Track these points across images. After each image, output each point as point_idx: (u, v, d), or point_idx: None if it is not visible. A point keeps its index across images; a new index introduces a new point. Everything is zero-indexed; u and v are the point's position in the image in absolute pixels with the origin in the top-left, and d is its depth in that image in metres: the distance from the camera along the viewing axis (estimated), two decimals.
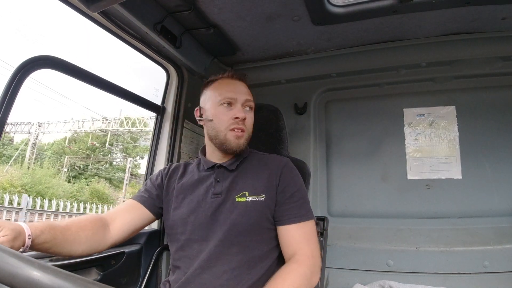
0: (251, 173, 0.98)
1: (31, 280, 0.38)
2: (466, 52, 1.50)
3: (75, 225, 0.79)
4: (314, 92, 1.79)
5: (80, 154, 24.29)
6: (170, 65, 1.54)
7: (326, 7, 1.29)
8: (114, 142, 24.77)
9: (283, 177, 0.95)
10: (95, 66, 40.58)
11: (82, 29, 48.99)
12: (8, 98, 0.88)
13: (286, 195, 0.93)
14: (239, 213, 0.89)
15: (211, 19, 1.37)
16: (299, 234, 0.89)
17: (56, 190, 17.09)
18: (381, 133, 1.66)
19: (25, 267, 0.38)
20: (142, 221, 0.97)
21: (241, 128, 0.96)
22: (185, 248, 0.91)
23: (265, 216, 0.91)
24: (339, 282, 1.48)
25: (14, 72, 0.90)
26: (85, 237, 0.80)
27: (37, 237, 0.67)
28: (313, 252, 0.87)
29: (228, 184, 0.95)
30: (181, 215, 0.94)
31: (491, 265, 1.34)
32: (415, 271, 1.42)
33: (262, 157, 1.04)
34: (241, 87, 1.01)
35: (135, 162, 28.22)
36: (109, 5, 1.01)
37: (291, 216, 0.91)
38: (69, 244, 0.76)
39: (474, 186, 1.47)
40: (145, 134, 20.47)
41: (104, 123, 19.30)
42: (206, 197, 0.94)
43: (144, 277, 1.29)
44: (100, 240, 0.85)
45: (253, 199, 0.91)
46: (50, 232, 0.71)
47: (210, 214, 0.91)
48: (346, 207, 1.66)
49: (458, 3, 1.26)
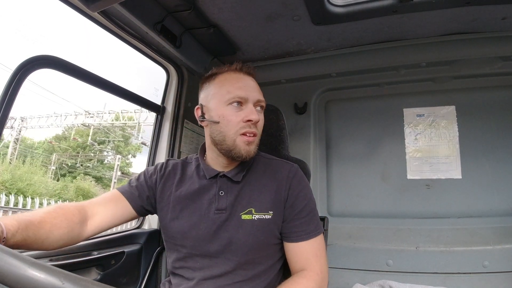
0: (257, 186, 0.89)
1: (31, 281, 0.38)
2: (466, 52, 1.50)
3: (50, 223, 0.73)
4: (314, 92, 1.79)
5: (70, 152, 23.71)
6: (170, 64, 1.54)
7: (326, 7, 1.29)
8: (98, 137, 23.72)
9: (292, 191, 0.88)
10: (94, 64, 40.56)
11: (82, 29, 48.96)
12: (8, 97, 0.88)
13: (294, 211, 0.86)
14: (245, 232, 0.83)
15: (211, 18, 1.37)
16: (308, 251, 0.85)
17: (38, 187, 16.57)
18: (381, 133, 1.66)
19: (26, 267, 0.38)
20: (123, 218, 0.91)
21: (253, 132, 0.84)
22: (187, 260, 0.87)
23: (273, 234, 0.86)
24: (339, 282, 1.48)
25: (14, 72, 0.90)
26: (59, 235, 0.74)
27: (9, 240, 0.62)
28: (321, 268, 0.83)
29: (233, 198, 0.87)
30: (181, 228, 0.87)
31: (491, 265, 1.34)
32: (415, 271, 1.42)
33: (269, 163, 0.95)
34: (252, 83, 0.88)
35: (127, 160, 27.53)
36: (109, 5, 1.01)
37: (300, 233, 0.85)
38: (40, 243, 0.70)
39: (474, 186, 1.47)
40: (129, 129, 19.65)
41: (87, 117, 18.23)
42: (208, 212, 0.86)
43: (144, 277, 1.29)
44: (74, 237, 0.79)
45: (259, 217, 0.85)
46: (22, 233, 0.65)
47: (214, 231, 0.84)
48: (346, 207, 1.66)
49: (458, 3, 1.26)
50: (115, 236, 1.26)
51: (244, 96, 0.84)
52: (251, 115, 0.82)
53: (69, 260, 1.01)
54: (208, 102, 0.88)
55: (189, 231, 0.85)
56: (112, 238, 1.23)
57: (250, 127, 0.83)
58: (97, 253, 1.11)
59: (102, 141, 24.10)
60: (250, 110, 0.84)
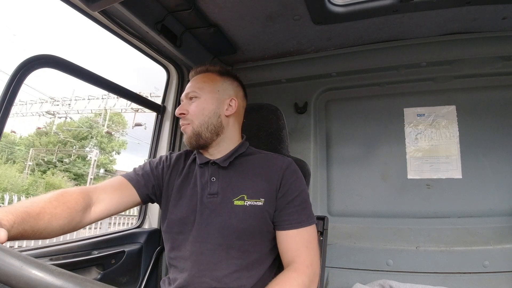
0: (250, 174, 0.93)
1: (32, 281, 0.38)
2: (467, 51, 1.50)
3: (49, 213, 0.70)
4: (314, 92, 1.79)
5: (50, 147, 22.76)
6: (171, 64, 1.54)
7: (326, 7, 1.29)
8: (65, 127, 22.03)
9: (284, 181, 0.91)
10: (93, 63, 40.24)
11: (81, 29, 48.87)
12: (9, 96, 0.88)
13: (286, 200, 0.89)
14: (237, 218, 0.86)
15: (212, 18, 1.37)
16: (299, 241, 0.85)
17: (2, 183, 15.97)
18: (381, 133, 1.66)
19: (27, 267, 0.38)
20: (129, 205, 0.93)
21: (183, 123, 0.96)
22: (181, 248, 0.89)
23: (264, 220, 0.88)
24: (339, 282, 1.48)
25: (15, 71, 0.90)
26: (58, 225, 0.72)
27: (7, 232, 0.59)
28: (312, 260, 0.83)
29: (225, 184, 0.91)
30: (179, 215, 0.91)
31: (491, 265, 1.34)
32: (415, 270, 1.42)
33: (265, 156, 1.00)
34: (196, 81, 1.02)
35: (110, 157, 26.56)
36: (110, 4, 1.01)
37: (291, 221, 0.87)
38: (38, 235, 0.68)
39: (474, 185, 1.47)
40: (96, 116, 17.70)
41: (53, 104, 16.80)
42: (202, 197, 0.91)
43: (144, 276, 1.29)
44: (76, 224, 0.78)
45: (251, 203, 0.87)
46: (18, 227, 0.62)
47: (207, 215, 0.88)
48: (346, 206, 1.66)
49: (459, 3, 1.26)
50: (115, 235, 1.26)
51: (185, 94, 0.99)
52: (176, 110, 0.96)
53: (69, 260, 1.01)
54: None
55: (187, 217, 0.89)
56: (112, 237, 1.24)
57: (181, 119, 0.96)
58: (97, 252, 1.12)
59: (61, 128, 22.35)
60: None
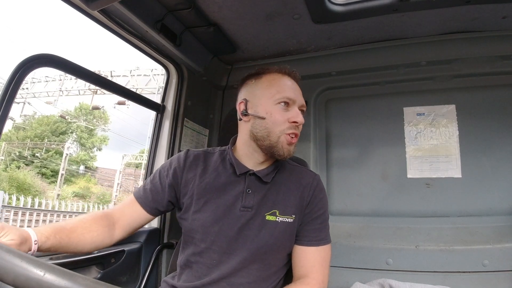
0: (283, 188, 0.91)
1: (33, 280, 0.38)
2: (466, 51, 1.49)
3: (81, 227, 0.80)
4: (314, 91, 1.79)
5: (27, 141, 22.22)
6: (170, 63, 1.54)
7: (326, 6, 1.29)
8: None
9: (314, 199, 0.92)
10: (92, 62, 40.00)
11: (81, 29, 48.76)
12: (9, 95, 0.88)
13: (311, 217, 0.90)
14: (267, 233, 0.85)
15: (211, 17, 1.37)
16: (315, 258, 0.87)
17: None
18: (381, 132, 1.66)
19: (29, 266, 0.38)
20: (141, 222, 0.95)
21: (296, 133, 0.89)
22: (204, 256, 0.87)
23: (291, 237, 0.89)
24: (338, 281, 1.48)
25: (15, 70, 0.90)
26: (90, 238, 0.81)
27: (43, 243, 0.69)
28: (324, 278, 0.86)
29: (260, 198, 0.89)
30: (203, 222, 0.87)
31: (490, 264, 1.34)
32: (415, 269, 1.42)
33: (294, 169, 0.98)
34: (298, 88, 0.94)
35: (91, 153, 25.81)
36: (109, 3, 1.01)
37: (311, 238, 0.89)
38: (74, 246, 0.77)
39: (474, 185, 1.47)
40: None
41: None
42: (234, 208, 0.87)
43: (144, 275, 1.29)
44: (105, 239, 0.86)
45: (283, 220, 0.87)
46: (55, 236, 0.72)
47: (238, 228, 0.85)
48: (346, 205, 1.66)
49: (459, 2, 1.26)
50: None
51: (293, 98, 0.88)
52: (298, 117, 0.87)
53: (69, 259, 1.01)
54: (253, 98, 0.91)
55: (211, 226, 0.86)
56: None
57: (295, 128, 0.88)
58: (97, 251, 1.11)
59: (55, 129, 21.70)
60: (296, 112, 0.88)
